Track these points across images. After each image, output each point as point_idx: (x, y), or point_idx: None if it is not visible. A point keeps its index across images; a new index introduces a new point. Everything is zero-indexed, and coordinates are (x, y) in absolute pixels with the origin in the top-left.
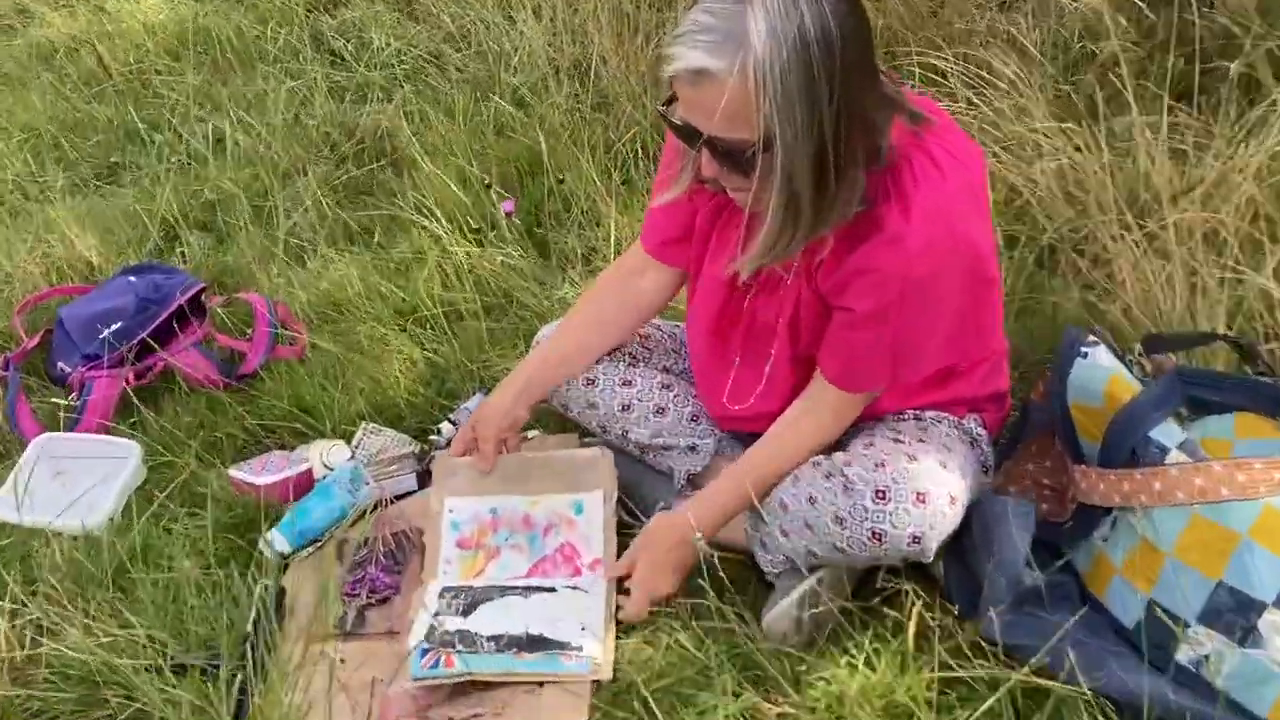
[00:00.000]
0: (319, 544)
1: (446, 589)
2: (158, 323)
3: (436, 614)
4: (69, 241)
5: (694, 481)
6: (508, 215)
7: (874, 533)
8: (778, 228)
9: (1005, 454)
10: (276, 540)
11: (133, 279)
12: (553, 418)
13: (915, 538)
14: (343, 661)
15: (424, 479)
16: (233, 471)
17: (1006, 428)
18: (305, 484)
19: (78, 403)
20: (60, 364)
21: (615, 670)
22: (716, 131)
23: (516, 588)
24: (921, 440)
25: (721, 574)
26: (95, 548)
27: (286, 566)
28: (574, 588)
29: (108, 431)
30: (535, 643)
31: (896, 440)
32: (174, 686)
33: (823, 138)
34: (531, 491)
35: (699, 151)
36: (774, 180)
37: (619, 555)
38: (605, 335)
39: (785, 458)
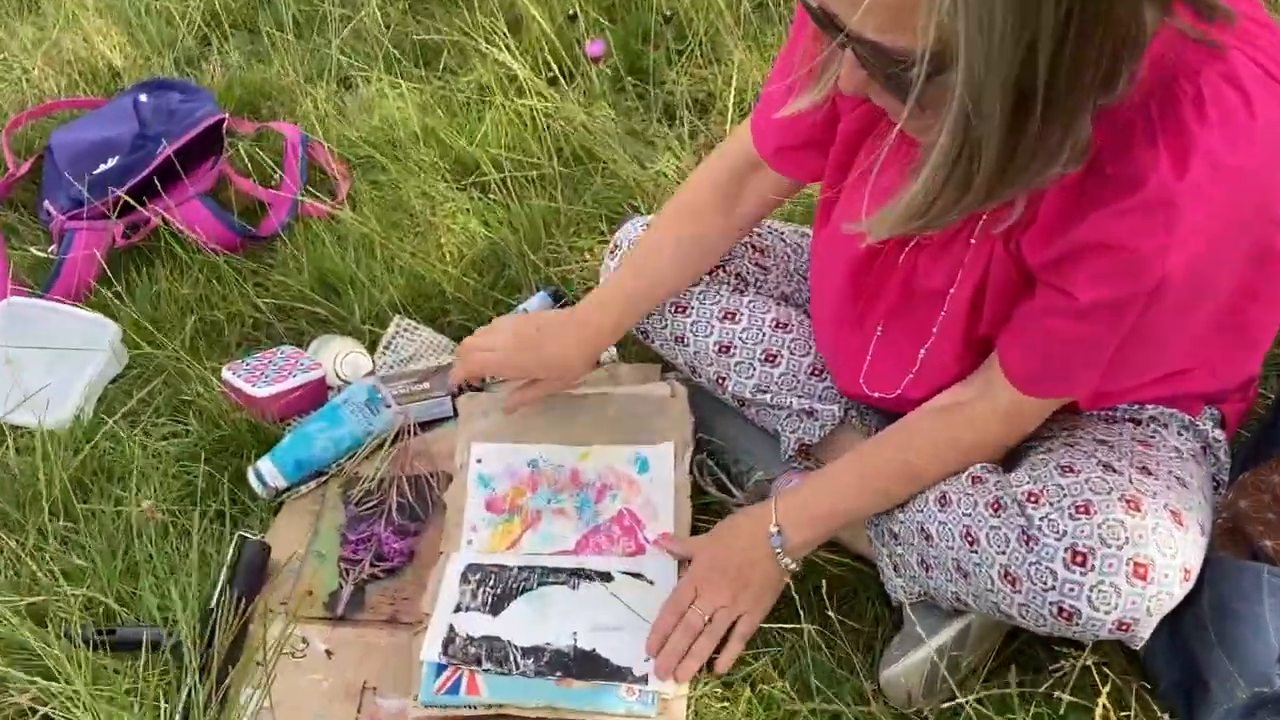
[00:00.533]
0: (322, 479)
1: (472, 567)
2: (156, 163)
3: (457, 608)
4: (89, 40)
5: (807, 451)
6: (594, 61)
7: (1062, 609)
8: (939, 183)
9: (1244, 460)
10: (266, 473)
11: (143, 98)
12: (632, 342)
13: (1123, 624)
14: (329, 655)
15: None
16: (227, 373)
17: (1249, 422)
18: (314, 397)
19: (56, 258)
20: (47, 203)
21: None
22: (866, 30)
23: (562, 572)
24: (1145, 469)
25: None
26: (49, 455)
27: (279, 506)
28: (636, 574)
29: (86, 301)
30: (586, 664)
31: (1107, 466)
32: (112, 672)
33: (1034, 58)
34: (582, 439)
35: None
36: (946, 114)
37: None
38: (706, 253)
39: (926, 460)
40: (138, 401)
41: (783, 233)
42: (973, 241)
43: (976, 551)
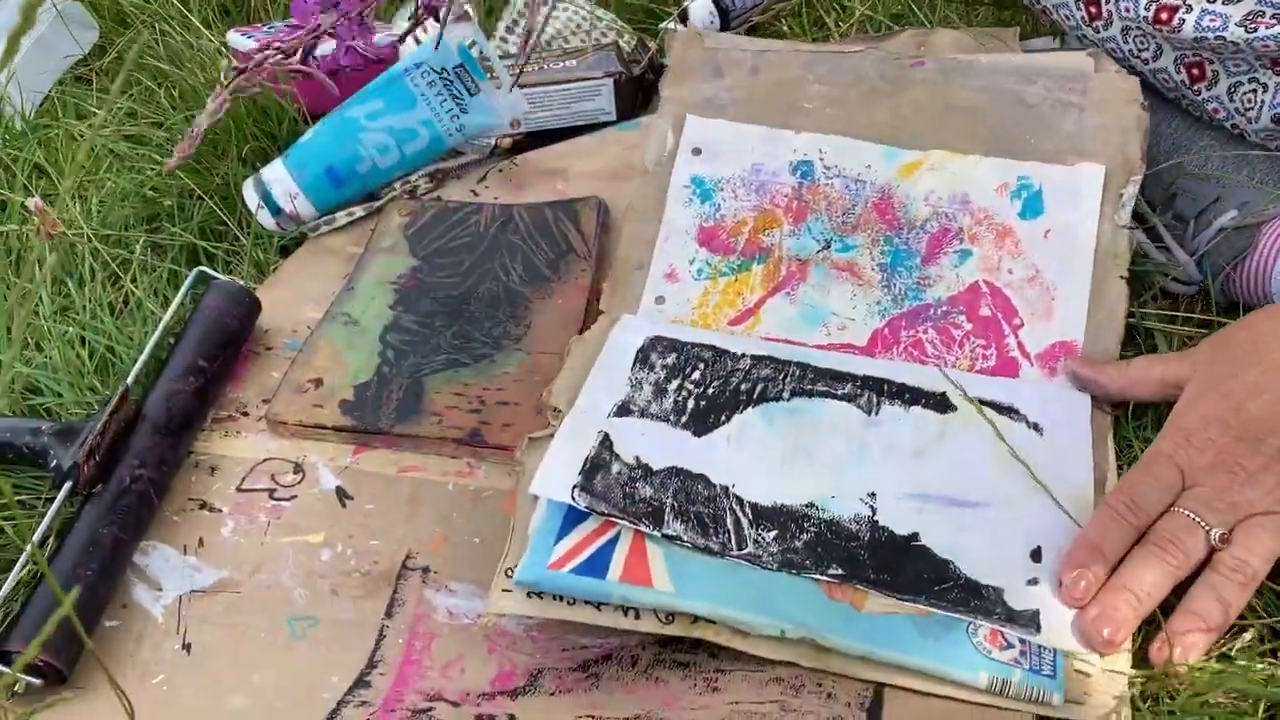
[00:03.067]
0: (372, 205)
1: (660, 343)
2: None
3: (623, 407)
4: None
5: None
6: None
7: None
8: None
9: None
10: (276, 185)
11: None
12: None
13: None
14: (343, 500)
15: (633, 96)
16: (234, 36)
17: None
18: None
19: None
20: None
21: None
22: None
23: (844, 380)
24: None
25: None
26: None
27: (294, 244)
28: (1004, 408)
29: None
30: (899, 560)
31: None
32: None
33: None
34: (909, 135)
35: None
36: None
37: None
38: None
39: None
40: (97, 97)
41: None
42: None
43: None
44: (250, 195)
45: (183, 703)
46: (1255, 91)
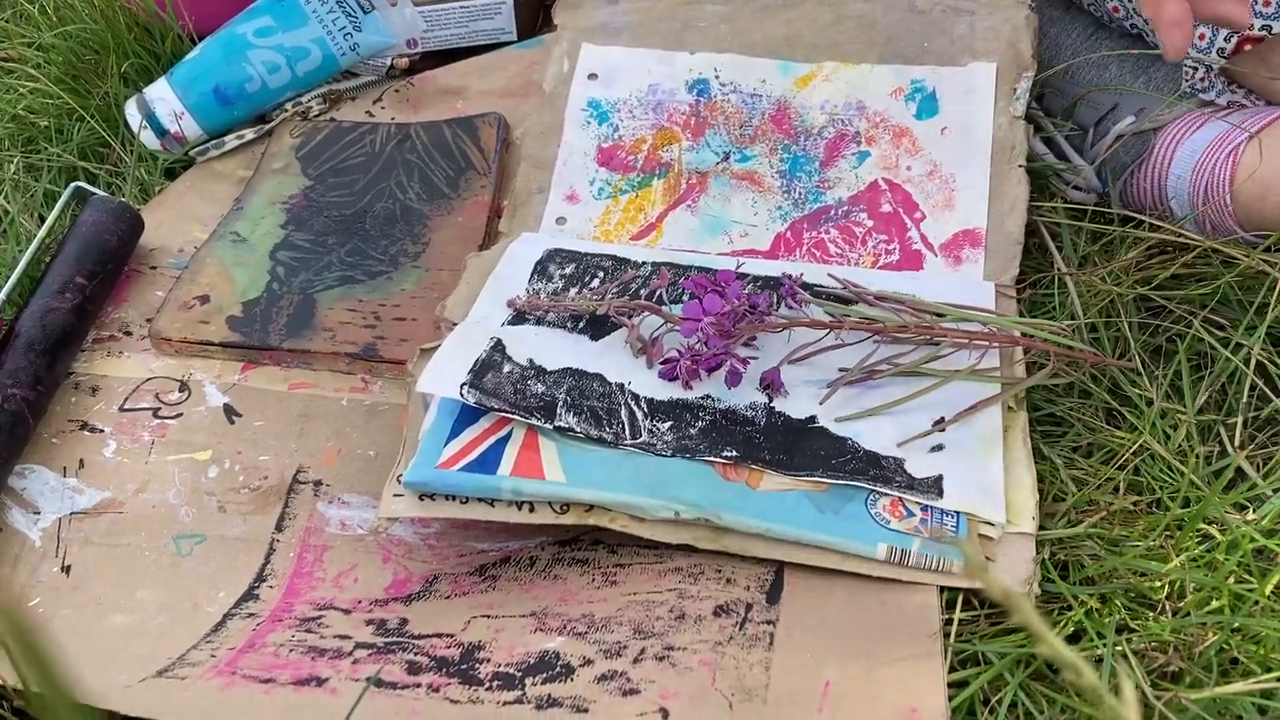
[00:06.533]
0: (262, 128)
1: (558, 255)
2: None
3: (518, 317)
4: None
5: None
6: None
7: None
8: None
9: None
10: (160, 104)
11: None
12: None
13: None
14: (231, 417)
15: (534, 15)
16: None
17: None
18: None
19: None
20: None
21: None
22: None
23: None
24: None
25: None
26: None
27: (181, 167)
28: (900, 298)
29: None
30: (793, 440)
31: None
32: None
33: None
34: (801, 49)
35: None
36: None
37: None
38: None
39: None
40: None
41: None
42: None
43: None
44: (133, 115)
45: (59, 624)
46: None
